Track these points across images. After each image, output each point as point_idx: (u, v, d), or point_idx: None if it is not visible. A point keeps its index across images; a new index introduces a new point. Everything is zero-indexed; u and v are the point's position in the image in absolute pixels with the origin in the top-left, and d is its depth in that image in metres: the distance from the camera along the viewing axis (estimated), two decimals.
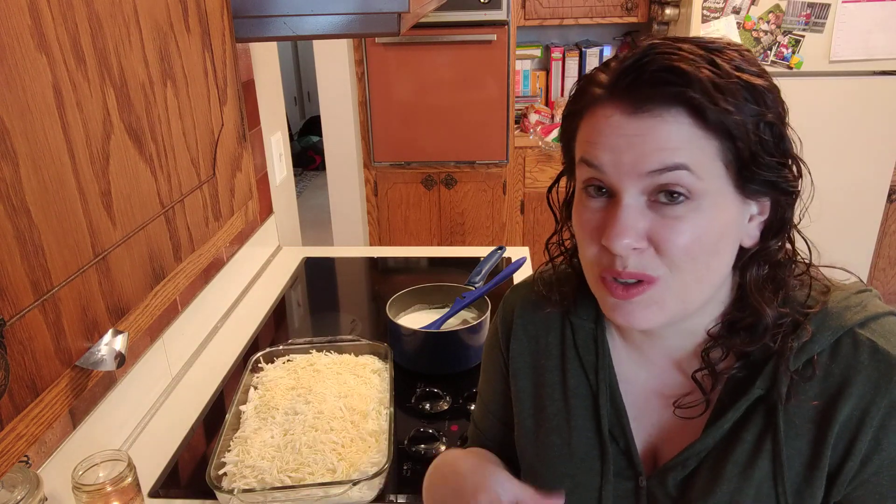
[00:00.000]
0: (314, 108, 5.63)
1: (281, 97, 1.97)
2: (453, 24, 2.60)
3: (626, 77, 0.58)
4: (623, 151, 0.58)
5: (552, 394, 0.75)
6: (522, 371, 0.78)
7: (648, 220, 0.59)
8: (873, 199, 2.75)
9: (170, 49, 0.62)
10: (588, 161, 0.61)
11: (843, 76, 2.59)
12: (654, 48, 0.58)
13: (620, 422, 0.71)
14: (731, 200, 0.60)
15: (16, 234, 0.42)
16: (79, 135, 0.48)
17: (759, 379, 0.64)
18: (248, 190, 0.83)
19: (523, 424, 0.78)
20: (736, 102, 0.56)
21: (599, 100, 0.60)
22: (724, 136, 0.57)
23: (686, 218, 0.58)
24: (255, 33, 0.90)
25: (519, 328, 0.79)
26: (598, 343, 0.73)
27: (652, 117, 0.57)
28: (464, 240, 2.97)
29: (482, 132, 2.79)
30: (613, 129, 0.58)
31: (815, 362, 0.62)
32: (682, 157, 0.56)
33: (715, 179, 0.58)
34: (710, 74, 0.56)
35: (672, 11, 2.70)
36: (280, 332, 1.55)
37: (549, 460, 0.75)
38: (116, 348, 0.51)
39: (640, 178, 0.58)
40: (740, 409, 0.64)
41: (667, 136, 0.56)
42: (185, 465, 1.11)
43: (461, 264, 1.76)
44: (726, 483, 0.64)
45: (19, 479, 0.82)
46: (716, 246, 0.60)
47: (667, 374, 0.71)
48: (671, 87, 0.56)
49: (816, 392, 0.62)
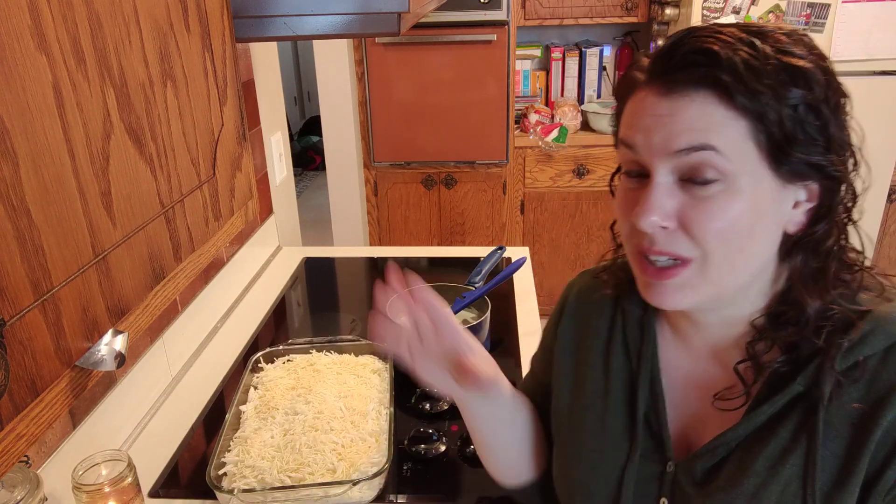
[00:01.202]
0: (314, 108, 5.63)
1: (281, 97, 1.97)
2: (453, 24, 2.60)
3: (661, 60, 0.60)
4: (653, 131, 0.60)
5: (593, 373, 0.77)
6: (567, 348, 0.81)
7: (678, 201, 0.60)
8: (873, 199, 2.75)
9: (170, 49, 0.62)
10: (625, 142, 0.63)
11: (843, 76, 2.53)
12: (692, 32, 0.59)
13: (657, 407, 0.72)
14: (767, 183, 0.59)
15: (16, 234, 0.42)
16: (79, 135, 0.48)
17: (801, 375, 0.62)
18: (248, 190, 0.83)
19: (560, 398, 0.81)
20: (769, 84, 0.56)
21: (639, 83, 0.62)
22: (753, 117, 0.57)
23: (716, 199, 0.58)
24: (255, 33, 0.90)
25: (572, 308, 0.83)
26: (644, 328, 0.75)
27: (681, 98, 0.58)
28: (464, 240, 2.97)
29: (482, 132, 2.79)
30: (646, 110, 0.60)
31: (862, 364, 0.60)
32: (710, 137, 0.57)
33: (746, 161, 0.58)
34: (745, 56, 0.56)
35: (672, 11, 2.70)
36: (280, 332, 1.55)
37: (581, 435, 0.77)
38: (116, 348, 0.51)
39: (669, 157, 0.59)
40: (777, 404, 0.63)
41: (696, 116, 0.57)
42: (185, 465, 1.11)
43: (461, 264, 1.76)
44: (753, 476, 0.63)
45: (19, 479, 0.82)
46: (750, 229, 0.59)
47: (707, 364, 0.71)
48: (699, 69, 0.57)
49: (861, 395, 0.60)
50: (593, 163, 2.84)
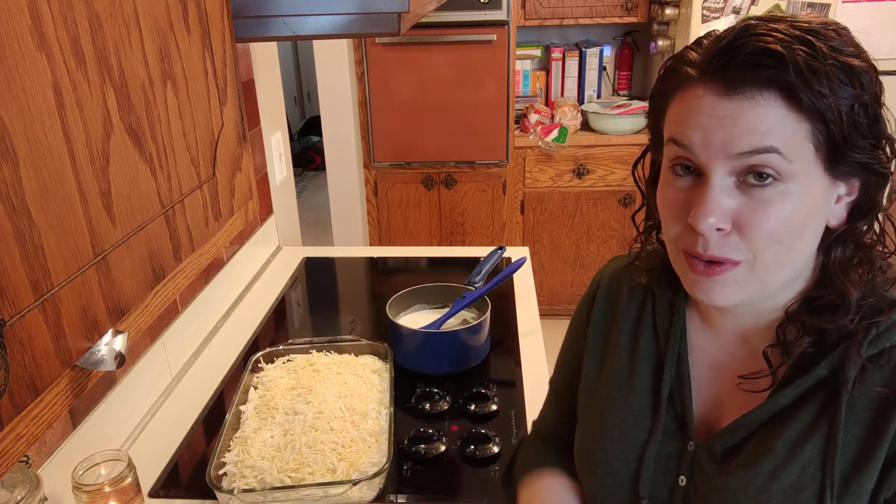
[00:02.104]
0: (314, 108, 5.63)
1: (281, 97, 1.97)
2: (453, 24, 2.60)
3: (719, 58, 0.58)
4: (714, 132, 0.58)
5: (620, 352, 0.78)
6: (598, 329, 0.82)
7: (735, 202, 0.59)
8: None
9: (170, 49, 0.62)
10: (677, 140, 0.61)
11: None
12: (749, 29, 0.58)
13: (682, 388, 0.73)
14: (819, 182, 0.59)
15: (16, 234, 0.42)
16: (79, 135, 0.48)
17: (826, 360, 0.63)
18: (248, 190, 0.83)
19: (587, 377, 0.82)
20: (830, 85, 0.56)
21: (691, 80, 0.60)
22: (816, 119, 0.56)
23: (773, 200, 0.58)
24: (255, 33, 0.90)
25: (604, 291, 0.83)
26: (673, 311, 0.75)
27: (745, 99, 0.57)
28: (464, 240, 2.97)
29: (482, 132, 2.79)
30: (704, 110, 0.59)
31: (889, 351, 0.61)
32: (773, 140, 0.56)
33: (804, 162, 0.58)
34: (805, 56, 0.55)
35: (672, 11, 2.70)
36: (280, 332, 1.55)
37: (604, 412, 0.77)
38: (116, 348, 0.51)
39: (730, 159, 0.58)
40: (801, 388, 0.64)
41: (759, 118, 0.56)
42: (185, 465, 1.11)
43: (461, 264, 1.76)
44: (773, 456, 0.64)
45: (19, 479, 0.82)
46: (801, 228, 0.60)
47: (735, 347, 0.72)
48: (765, 71, 0.56)
49: (884, 381, 0.61)
50: (593, 163, 2.84)
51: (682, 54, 0.63)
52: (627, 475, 0.74)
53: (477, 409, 1.18)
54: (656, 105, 0.66)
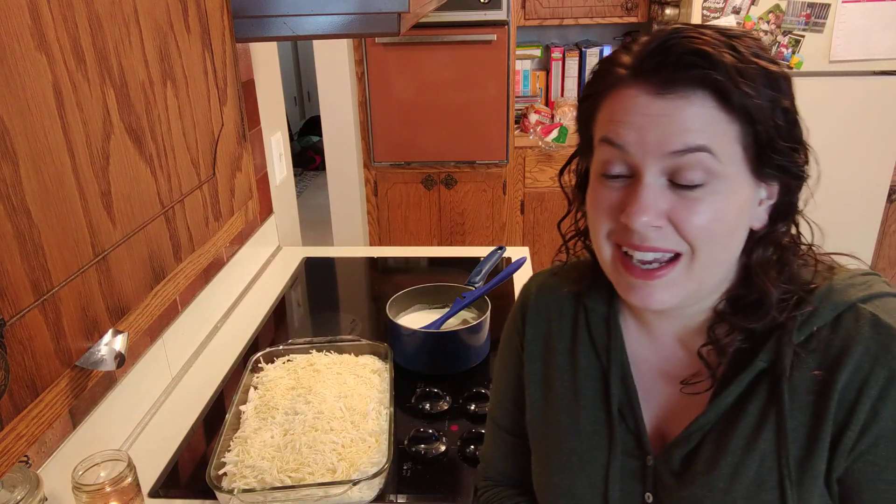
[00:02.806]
0: (314, 108, 5.63)
1: (281, 97, 1.97)
2: (453, 24, 2.60)
3: (651, 59, 0.59)
4: (648, 131, 0.59)
5: (561, 374, 0.77)
6: (535, 353, 0.80)
7: (668, 201, 0.60)
8: (873, 199, 2.75)
9: (170, 49, 0.62)
10: (611, 140, 0.62)
11: (843, 76, 2.58)
12: (679, 32, 0.59)
13: (631, 402, 0.73)
14: (746, 183, 0.61)
15: (16, 234, 0.42)
16: (79, 135, 0.48)
17: (763, 352, 0.64)
18: (248, 190, 0.83)
19: (533, 405, 0.80)
20: (755, 87, 0.57)
21: (623, 80, 0.61)
22: (745, 119, 0.58)
23: (705, 200, 0.59)
24: (255, 33, 0.90)
25: (534, 312, 0.81)
26: (610, 325, 0.75)
27: (678, 98, 0.58)
28: (464, 240, 2.97)
29: (482, 132, 2.79)
30: (638, 109, 0.60)
31: (816, 334, 0.63)
32: (704, 139, 0.58)
33: (734, 163, 0.59)
34: (732, 59, 0.57)
35: (672, 11, 2.70)
36: (280, 332, 1.55)
37: (558, 438, 0.76)
38: (116, 348, 0.51)
39: (663, 157, 0.59)
40: (743, 383, 0.65)
41: (692, 117, 0.58)
42: (185, 465, 1.11)
43: (461, 264, 1.76)
44: (730, 456, 0.65)
45: (19, 479, 0.82)
46: (732, 227, 0.62)
47: (673, 352, 0.72)
48: (697, 70, 0.57)
49: (817, 363, 0.62)
50: None
51: (612, 57, 0.64)
52: (595, 500, 0.73)
53: (477, 409, 1.18)
54: (586, 108, 0.67)
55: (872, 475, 0.61)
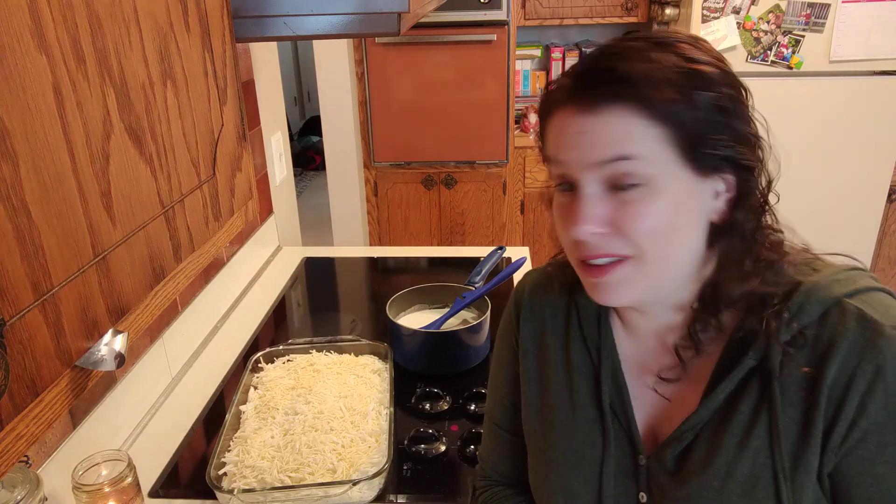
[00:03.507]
0: (314, 108, 5.63)
1: (281, 97, 1.97)
2: (453, 24, 2.60)
3: (578, 80, 0.64)
4: (575, 147, 0.64)
5: (555, 371, 0.78)
6: (530, 351, 0.82)
7: (608, 207, 0.63)
8: (873, 199, 2.75)
9: (170, 49, 0.62)
10: (553, 158, 0.67)
11: (843, 76, 2.58)
12: (604, 51, 0.64)
13: (622, 399, 0.74)
14: (684, 180, 0.63)
15: (16, 234, 0.42)
16: (79, 135, 0.48)
17: (752, 350, 0.66)
18: (248, 190, 0.83)
19: (529, 403, 0.81)
20: (678, 90, 0.60)
21: (559, 102, 0.66)
22: (667, 122, 0.61)
23: (640, 201, 0.62)
24: (255, 33, 0.90)
25: (528, 310, 0.83)
26: (601, 322, 0.77)
27: (599, 114, 0.62)
28: (464, 240, 2.97)
29: (482, 132, 2.79)
30: (570, 129, 0.64)
31: (802, 333, 0.64)
32: (626, 147, 0.61)
33: (664, 163, 0.62)
34: (654, 67, 0.61)
35: (672, 11, 2.70)
36: (280, 332, 1.55)
37: (554, 436, 0.77)
38: (116, 348, 0.51)
39: (593, 168, 0.63)
40: (734, 381, 0.66)
41: (613, 130, 0.62)
42: (185, 465, 1.11)
43: (461, 264, 1.76)
44: (724, 454, 0.66)
45: (19, 479, 0.82)
46: (674, 224, 0.64)
47: (659, 352, 0.74)
48: (612, 86, 0.61)
49: (806, 360, 0.63)
50: None
51: (557, 80, 0.68)
52: (590, 498, 0.74)
53: (477, 409, 1.18)
54: (540, 129, 0.71)
55: (862, 470, 0.62)
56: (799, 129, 2.66)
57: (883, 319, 0.61)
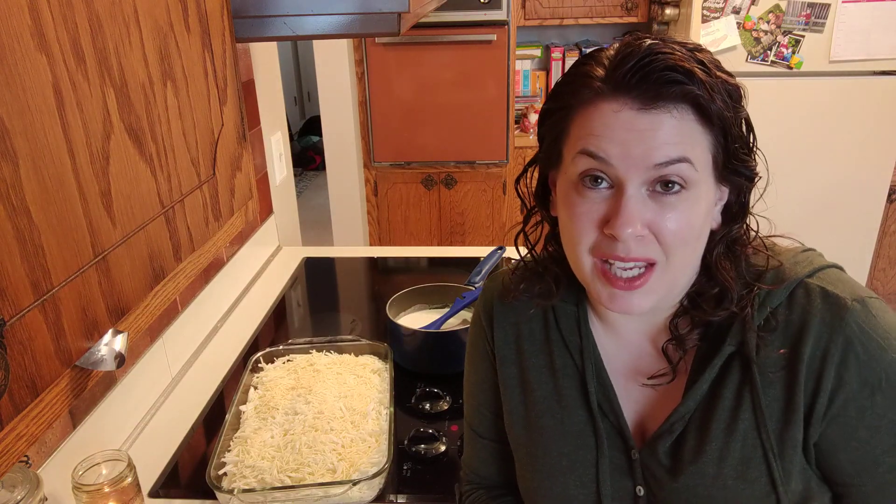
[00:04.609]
0: (314, 108, 5.63)
1: (281, 97, 1.97)
2: (453, 24, 2.60)
3: (633, 74, 0.61)
4: (633, 145, 0.61)
5: (539, 377, 0.78)
6: (508, 357, 0.81)
7: (648, 210, 0.63)
8: (873, 199, 2.75)
9: (170, 49, 0.62)
10: (592, 153, 0.63)
11: (843, 76, 2.58)
12: (654, 47, 0.61)
13: (608, 398, 0.74)
14: (712, 189, 0.65)
15: (16, 234, 0.42)
16: (79, 135, 0.48)
17: (729, 336, 0.68)
18: (248, 190, 0.83)
19: (513, 411, 0.80)
20: (723, 99, 0.61)
21: (601, 95, 0.63)
22: (719, 130, 0.62)
23: (678, 206, 0.63)
24: (255, 33, 0.90)
25: (500, 316, 0.81)
26: (580, 325, 0.76)
27: (662, 113, 0.61)
28: (464, 240, 2.97)
29: (482, 132, 2.79)
30: (623, 124, 0.61)
31: (774, 314, 0.67)
32: (686, 150, 0.61)
33: (706, 170, 0.63)
34: (703, 73, 0.61)
35: (672, 11, 2.70)
36: (280, 332, 1.55)
37: (544, 442, 0.77)
38: (116, 348, 0.51)
39: (647, 170, 0.61)
40: (715, 368, 0.68)
41: (675, 130, 0.61)
42: (185, 465, 1.11)
43: (461, 264, 1.76)
44: (714, 441, 0.67)
45: (19, 479, 0.82)
46: (701, 231, 0.66)
47: (642, 349, 0.75)
48: (678, 86, 0.60)
49: (781, 341, 0.66)
50: None
51: (583, 70, 0.65)
52: (588, 500, 0.74)
53: None
54: (556, 121, 0.68)
55: (846, 436, 0.64)
56: (799, 129, 2.66)
57: (843, 293, 0.65)
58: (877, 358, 0.62)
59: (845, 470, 0.66)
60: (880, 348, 0.63)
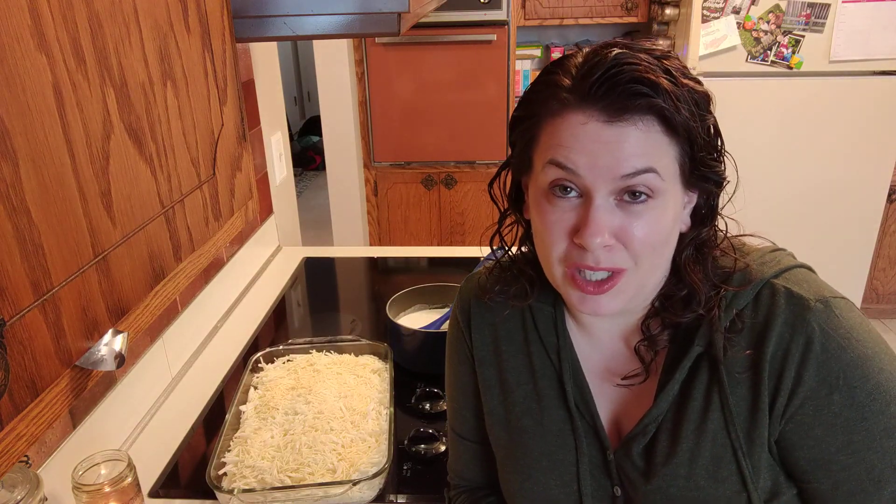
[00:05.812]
0: (314, 108, 5.63)
1: (281, 97, 1.97)
2: (453, 24, 2.60)
3: (599, 86, 0.61)
4: (599, 156, 0.62)
5: (519, 378, 0.79)
6: (487, 359, 0.81)
7: (616, 219, 0.64)
8: (873, 198, 2.75)
9: (170, 49, 0.62)
10: (560, 164, 0.64)
11: (843, 76, 2.58)
12: (621, 58, 0.61)
13: (585, 398, 0.75)
14: (679, 194, 0.66)
15: (16, 234, 0.42)
16: (79, 135, 0.48)
17: (697, 337, 0.69)
18: (248, 190, 0.83)
19: (493, 412, 0.81)
20: (689, 108, 0.62)
21: (569, 106, 0.63)
22: (684, 140, 0.63)
23: (645, 214, 0.63)
24: (255, 33, 0.90)
25: (478, 318, 0.82)
26: (557, 325, 0.77)
27: (628, 126, 0.61)
28: (464, 240, 2.97)
29: (482, 132, 2.79)
30: (589, 136, 0.62)
31: (740, 315, 0.67)
32: (652, 161, 0.62)
33: (672, 179, 0.64)
34: (669, 83, 0.61)
35: (672, 11, 2.70)
36: (280, 332, 1.55)
37: (524, 442, 0.77)
38: (116, 348, 0.51)
39: (614, 180, 0.62)
40: (685, 369, 0.69)
41: (641, 142, 0.61)
42: (185, 465, 1.11)
43: (461, 264, 1.76)
44: (685, 441, 0.69)
45: (19, 479, 0.82)
46: (668, 236, 0.67)
47: (616, 349, 0.76)
48: (644, 98, 0.60)
49: (747, 341, 0.67)
50: None
51: (549, 78, 0.65)
52: (569, 499, 0.75)
53: None
54: (526, 129, 0.68)
55: (802, 433, 0.66)
56: (799, 129, 2.66)
57: (808, 294, 0.65)
58: (836, 357, 0.63)
59: (802, 467, 0.67)
60: (840, 348, 0.63)
